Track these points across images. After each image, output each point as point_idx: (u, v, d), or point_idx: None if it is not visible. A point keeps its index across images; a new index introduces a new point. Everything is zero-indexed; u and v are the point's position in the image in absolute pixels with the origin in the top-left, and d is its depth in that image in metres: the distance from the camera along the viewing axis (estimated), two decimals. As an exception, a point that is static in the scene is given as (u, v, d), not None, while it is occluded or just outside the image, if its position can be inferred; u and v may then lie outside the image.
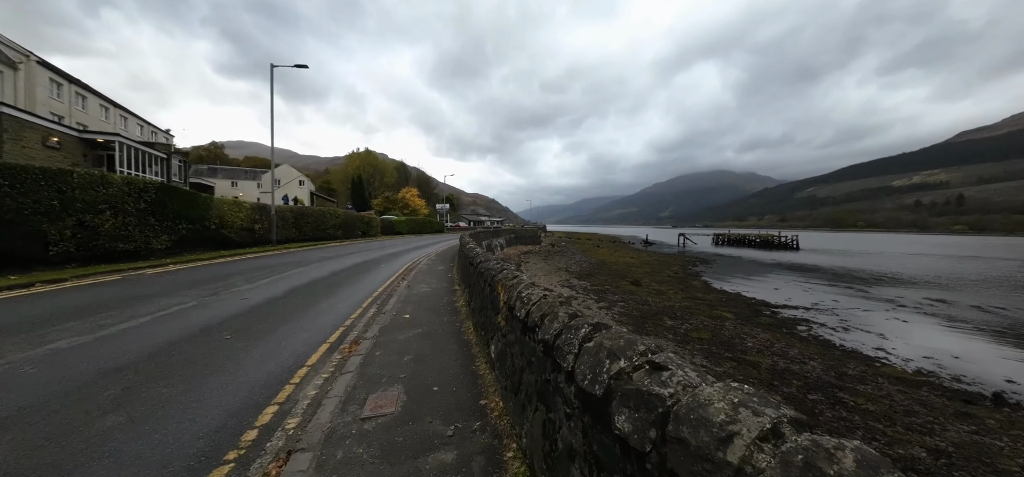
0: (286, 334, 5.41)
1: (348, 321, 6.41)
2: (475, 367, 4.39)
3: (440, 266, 13.42)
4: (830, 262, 39.36)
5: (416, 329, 5.95)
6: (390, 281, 10.56)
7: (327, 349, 4.97)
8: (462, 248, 10.72)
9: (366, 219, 30.25)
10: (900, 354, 11.65)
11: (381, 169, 66.81)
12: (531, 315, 2.44)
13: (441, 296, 8.63)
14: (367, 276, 11.30)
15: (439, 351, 4.93)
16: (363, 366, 4.34)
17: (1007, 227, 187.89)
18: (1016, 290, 22.84)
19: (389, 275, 11.55)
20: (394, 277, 11.25)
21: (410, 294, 8.81)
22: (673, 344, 10.27)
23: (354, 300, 8.03)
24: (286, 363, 4.38)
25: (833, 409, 7.31)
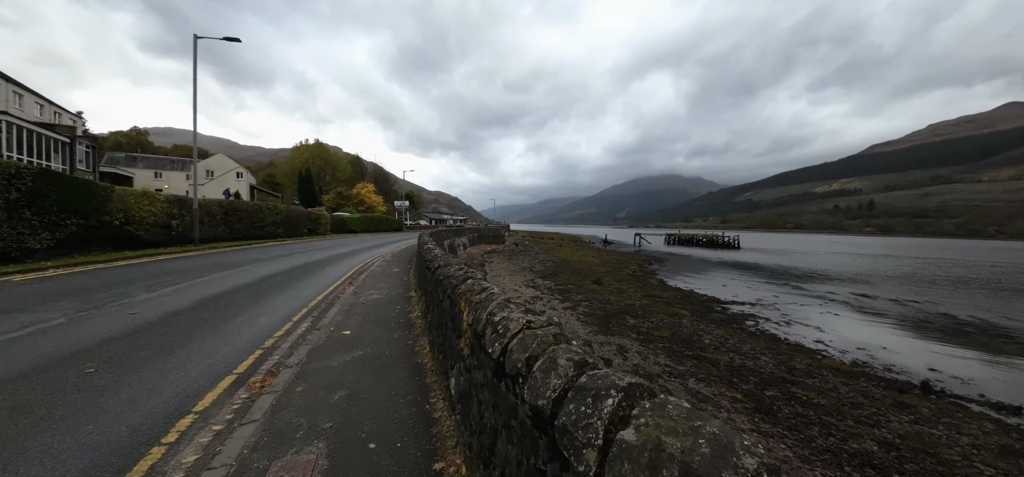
0: (177, 363, 4.14)
1: (269, 341, 5.20)
2: (429, 406, 3.52)
3: (395, 268, 12.20)
4: (768, 261, 42.67)
5: (357, 350, 4.97)
6: (334, 287, 9.32)
7: (231, 384, 3.77)
8: (420, 248, 9.66)
9: (314, 216, 27.72)
10: (837, 346, 12.43)
11: (333, 162, 62.57)
12: (511, 355, 1.69)
13: (393, 305, 7.63)
14: (306, 281, 9.90)
15: (383, 382, 3.99)
16: (274, 411, 3.25)
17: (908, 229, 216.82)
18: (924, 285, 25.85)
19: (334, 279, 10.22)
20: (340, 281, 9.97)
21: (356, 303, 7.70)
22: (637, 343, 10.20)
23: (283, 312, 6.71)
24: (163, 409, 3.18)
25: (789, 405, 7.45)
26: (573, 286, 17.89)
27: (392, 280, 10.19)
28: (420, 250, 9.37)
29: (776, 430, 6.40)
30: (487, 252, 29.52)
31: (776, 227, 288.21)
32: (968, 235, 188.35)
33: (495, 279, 17.47)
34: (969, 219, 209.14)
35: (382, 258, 14.96)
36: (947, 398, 8.75)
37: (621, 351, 9.49)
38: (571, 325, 11.40)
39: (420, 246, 10.02)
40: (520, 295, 14.57)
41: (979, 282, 27.09)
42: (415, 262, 11.32)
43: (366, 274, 11.09)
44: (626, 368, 8.38)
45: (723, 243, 59.53)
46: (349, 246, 20.19)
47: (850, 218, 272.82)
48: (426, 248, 8.39)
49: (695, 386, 7.90)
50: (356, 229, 36.37)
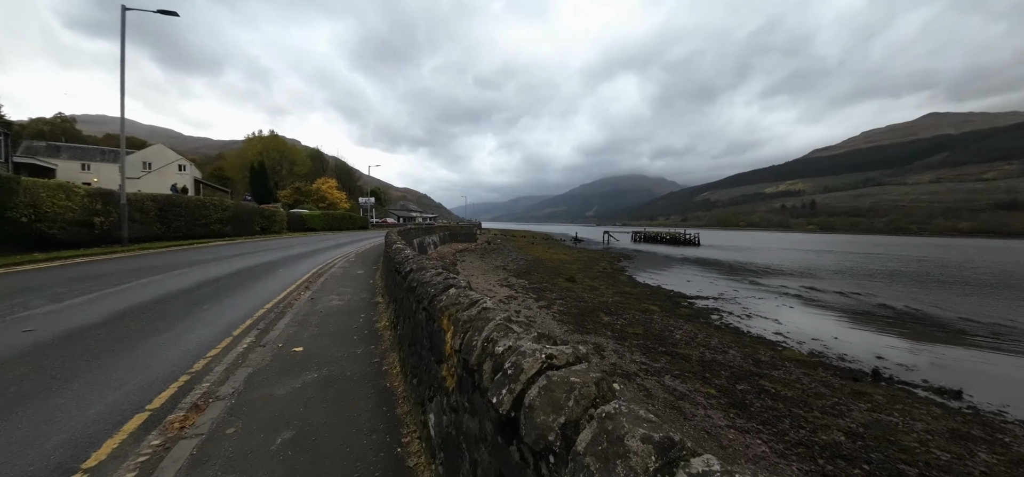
0: (73, 397, 3.18)
1: (200, 364, 4.15)
2: (402, 449, 2.73)
3: (359, 269, 11.15)
4: (725, 257, 45.00)
5: (310, 372, 4.09)
6: (287, 292, 8.27)
7: (141, 425, 2.87)
8: (387, 248, 8.79)
9: (268, 212, 25.54)
10: (794, 338, 13.08)
11: (291, 156, 58.68)
12: (531, 413, 1.16)
13: (356, 313, 6.73)
14: (254, 286, 8.73)
15: (342, 415, 3.21)
16: (193, 467, 2.41)
17: (845, 227, 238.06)
18: (863, 278, 28.11)
19: (288, 283, 9.17)
20: (295, 285, 8.95)
21: (312, 311, 6.71)
22: (613, 342, 10.16)
23: (222, 325, 5.63)
24: (41, 469, 2.33)
25: (760, 399, 7.61)
26: (547, 284, 17.77)
27: (356, 283, 9.28)
28: (388, 250, 8.52)
29: (751, 425, 6.46)
30: (459, 251, 28.87)
31: (731, 225, 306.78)
32: (894, 232, 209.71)
33: (468, 278, 17.00)
34: (895, 218, 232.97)
35: (345, 259, 13.81)
36: (895, 385, 9.34)
37: (598, 350, 9.38)
38: (547, 324, 11.19)
39: (388, 245, 9.13)
40: (495, 294, 14.19)
41: (909, 275, 29.89)
42: (382, 263, 10.29)
43: (326, 277, 10.07)
44: (604, 367, 8.25)
45: (685, 240, 62.32)
46: (308, 245, 18.67)
47: (795, 217, 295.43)
48: (395, 248, 7.62)
49: (671, 383, 7.90)
50: (316, 227, 34.11)
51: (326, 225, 35.95)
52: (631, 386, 7.42)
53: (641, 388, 7.42)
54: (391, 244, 8.87)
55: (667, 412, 6.53)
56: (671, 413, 6.51)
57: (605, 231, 70.53)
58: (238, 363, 4.27)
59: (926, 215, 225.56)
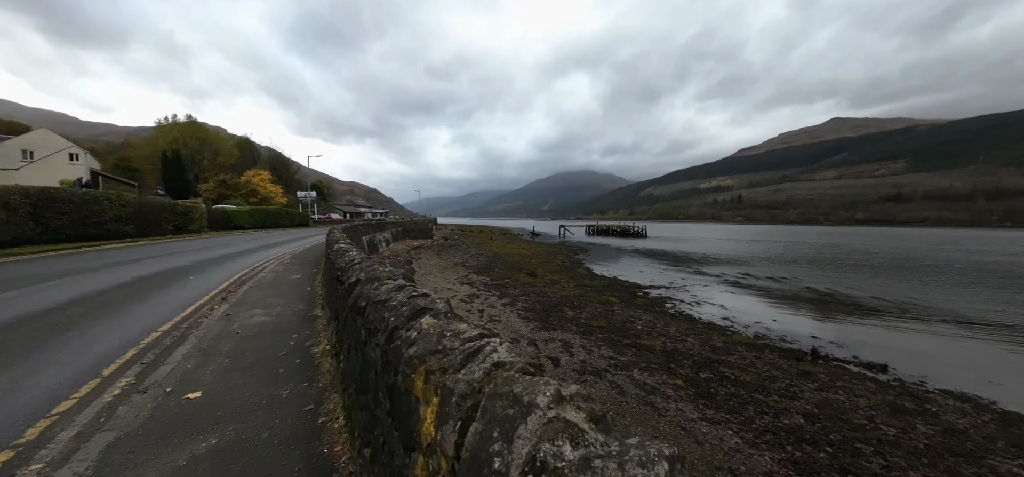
0: None
1: (34, 430, 2.79)
2: None
3: (295, 274, 9.47)
4: (670, 247, 47.84)
5: (207, 435, 2.82)
6: (196, 306, 6.58)
7: None
8: (328, 250, 7.38)
9: (183, 209, 22.01)
10: (740, 322, 13.89)
11: (214, 144, 51.99)
12: None
13: (285, 332, 5.26)
14: (152, 299, 6.82)
15: None
16: None
17: (766, 219, 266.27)
18: (788, 264, 31.11)
19: (200, 294, 7.39)
20: (209, 297, 7.25)
21: (226, 333, 5.16)
22: (579, 337, 9.96)
23: (89, 359, 4.08)
24: None
25: (723, 386, 7.76)
26: (508, 280, 17.33)
27: (288, 292, 7.64)
28: (329, 252, 7.14)
29: (720, 415, 6.49)
30: (414, 248, 27.46)
31: (671, 218, 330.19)
32: (805, 222, 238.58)
33: (426, 277, 16.01)
34: (806, 210, 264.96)
35: (278, 261, 11.84)
36: (832, 362, 10.12)
37: (566, 347, 9.10)
38: (512, 322, 10.73)
39: (329, 246, 7.75)
40: (455, 293, 13.44)
41: (825, 261, 33.65)
42: (323, 265, 8.63)
43: (252, 284, 8.42)
44: (573, 366, 7.97)
45: (634, 233, 65.55)
46: (233, 246, 16.18)
47: (725, 210, 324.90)
48: (338, 248, 6.34)
49: (640, 377, 7.80)
50: (245, 225, 30.23)
51: (258, 222, 32.01)
52: (603, 383, 7.18)
53: (613, 385, 7.21)
54: (333, 244, 7.54)
55: (641, 409, 6.35)
56: (645, 410, 6.34)
57: (561, 225, 72.31)
58: (98, 424, 2.92)
59: (830, 207, 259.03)
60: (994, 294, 19.06)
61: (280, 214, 35.93)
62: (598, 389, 6.94)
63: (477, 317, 10.91)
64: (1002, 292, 19.60)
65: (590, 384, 7.13)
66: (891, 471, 5.13)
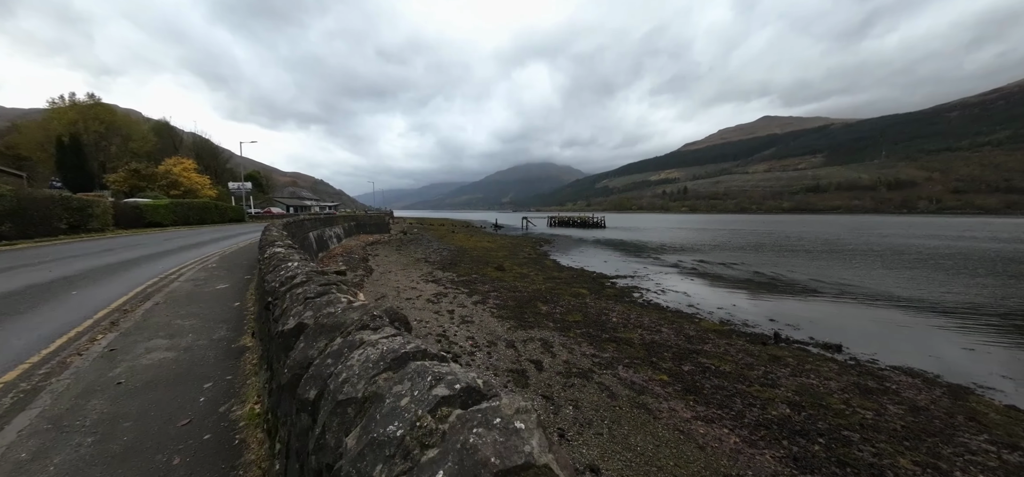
0: None
1: None
2: None
3: (222, 283, 7.54)
4: (628, 237, 49.49)
5: None
6: (66, 339, 4.73)
7: None
8: (260, 256, 5.89)
9: (80, 203, 18.10)
10: (704, 308, 14.26)
11: (125, 129, 44.90)
12: None
13: (195, 381, 3.69)
14: (3, 328, 4.98)
15: None
16: None
17: (707, 208, 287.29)
18: (735, 251, 33.18)
19: (78, 319, 5.44)
20: (91, 322, 5.37)
21: (100, 385, 3.52)
22: (558, 334, 9.47)
23: None
24: None
25: (706, 378, 7.63)
26: (476, 275, 16.49)
27: (209, 310, 5.88)
28: (260, 261, 5.59)
29: (712, 411, 6.27)
30: (369, 244, 25.58)
31: (625, 208, 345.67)
32: (741, 211, 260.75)
33: (386, 276, 14.71)
34: (741, 200, 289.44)
35: (201, 265, 9.63)
36: (793, 345, 10.53)
37: (546, 347, 8.54)
38: (486, 322, 9.97)
39: (261, 251, 6.13)
40: (420, 293, 12.39)
41: (767, 247, 36.39)
42: (258, 273, 6.48)
43: (159, 300, 6.36)
44: (557, 368, 7.42)
45: (593, 224, 67.22)
46: (144, 247, 13.41)
47: (672, 201, 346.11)
48: (272, 257, 4.81)
49: (626, 375, 7.45)
50: (163, 221, 25.69)
51: (179, 218, 27.66)
52: (591, 386, 6.71)
53: (602, 387, 6.76)
54: (267, 246, 5.90)
55: (635, 414, 5.94)
56: (639, 414, 5.94)
57: (524, 217, 72.43)
58: None
59: (761, 197, 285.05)
60: (914, 274, 21.45)
61: (208, 208, 31.70)
62: (587, 393, 6.45)
63: (447, 318, 10.03)
64: (919, 271, 22.15)
65: (578, 388, 6.62)
66: (882, 458, 5.13)
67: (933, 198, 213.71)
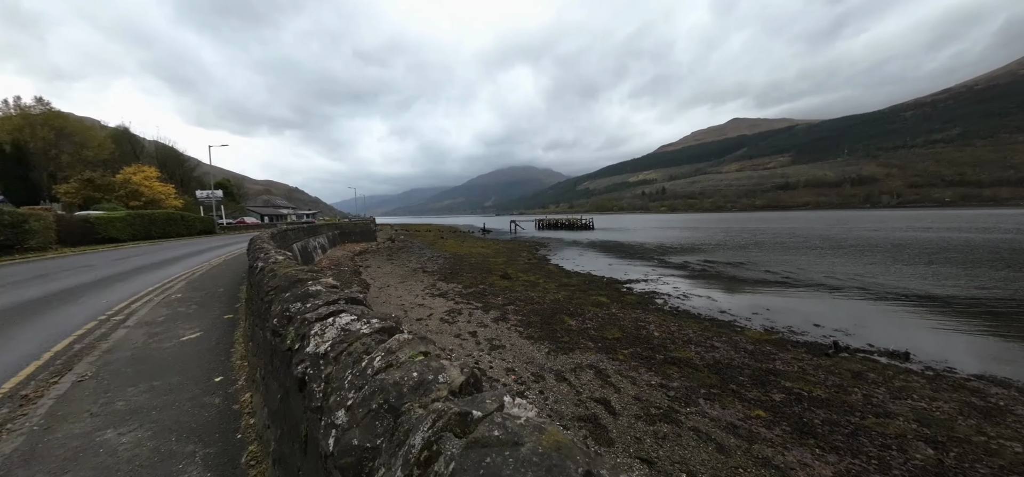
0: None
1: None
2: None
3: (191, 327, 5.20)
4: (620, 238, 48.78)
5: None
6: None
7: None
8: (252, 281, 4.30)
9: (13, 218, 14.90)
10: (738, 313, 13.11)
11: (78, 136, 40.69)
12: None
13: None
14: None
15: None
16: None
17: (685, 207, 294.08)
18: (736, 249, 32.70)
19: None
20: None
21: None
22: (605, 357, 7.97)
23: None
24: None
25: (808, 410, 6.26)
26: (484, 286, 14.80)
27: (170, 392, 3.52)
28: (252, 283, 3.97)
29: (846, 462, 4.88)
30: (357, 254, 23.40)
31: (607, 209, 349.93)
32: (717, 209, 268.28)
33: (385, 291, 12.84)
34: (716, 199, 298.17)
35: (161, 297, 7.05)
36: (857, 354, 9.46)
37: (602, 377, 7.00)
38: (518, 345, 8.35)
39: (253, 270, 4.30)
40: (431, 311, 10.63)
41: (766, 245, 36.19)
42: (248, 303, 4.84)
43: (83, 372, 3.96)
44: (630, 408, 5.90)
45: (581, 225, 66.42)
46: (90, 271, 10.47)
47: (651, 201, 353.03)
48: (271, 279, 3.03)
49: (714, 411, 6.01)
50: (120, 236, 21.97)
51: (139, 232, 24.26)
52: (686, 435, 5.20)
53: (696, 433, 5.28)
54: (259, 262, 4.04)
55: (765, 475, 4.46)
56: (769, 475, 4.47)
57: (512, 220, 71.23)
58: None
59: (736, 196, 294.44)
60: (922, 268, 21.13)
61: (173, 220, 28.50)
62: (688, 447, 4.93)
63: (472, 343, 8.35)
64: (926, 265, 21.88)
65: (672, 440, 5.11)
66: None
67: (894, 193, 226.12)
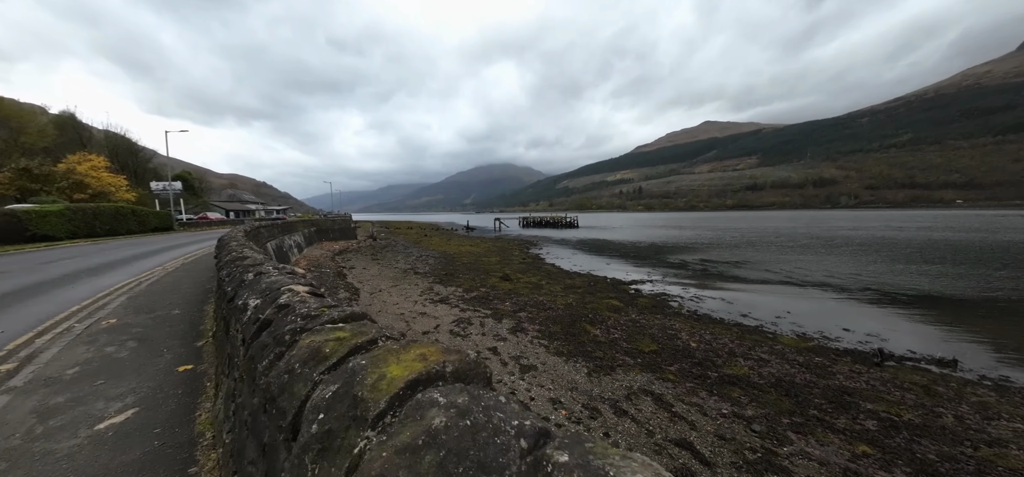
0: None
1: None
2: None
3: (115, 389, 3.11)
4: (608, 236, 48.30)
5: None
6: None
7: None
8: (221, 312, 3.08)
9: None
10: (761, 318, 12.30)
11: (14, 121, 35.98)
12: None
13: None
14: None
15: None
16: None
17: (661, 207, 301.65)
18: (730, 248, 32.57)
19: None
20: None
21: None
22: (653, 378, 6.75)
23: None
24: None
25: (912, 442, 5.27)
26: (486, 289, 13.31)
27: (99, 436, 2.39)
28: (233, 314, 2.39)
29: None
30: (337, 252, 21.30)
31: (586, 208, 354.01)
32: (691, 209, 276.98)
33: (378, 296, 11.12)
34: (690, 198, 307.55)
35: (85, 328, 4.84)
36: (906, 363, 8.74)
37: (663, 406, 5.76)
38: (550, 364, 6.98)
39: (234, 307, 2.53)
40: (437, 320, 9.07)
41: (758, 243, 36.41)
42: (216, 356, 3.58)
43: None
44: (720, 452, 4.68)
45: (566, 224, 65.66)
46: (3, 280, 8.27)
47: (628, 200, 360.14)
48: (283, 324, 1.88)
49: (817, 451, 4.90)
50: (56, 233, 18.74)
51: (80, 229, 20.93)
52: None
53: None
54: (245, 288, 2.64)
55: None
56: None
57: (496, 218, 69.60)
58: None
59: (708, 195, 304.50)
60: (918, 266, 21.25)
61: (122, 215, 25.16)
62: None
63: (497, 364, 6.90)
64: (919, 263, 22.08)
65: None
66: None
67: (852, 194, 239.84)
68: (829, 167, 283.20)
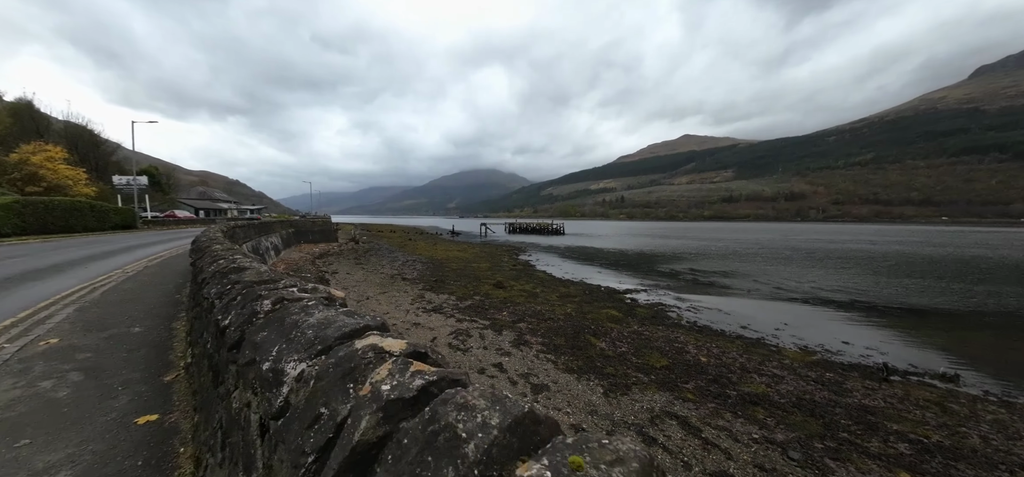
0: None
1: None
2: None
3: (49, 455, 2.11)
4: (594, 243, 48.40)
5: None
6: None
7: None
8: (221, 349, 1.91)
9: None
10: (760, 330, 12.15)
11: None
12: None
13: None
14: None
15: None
16: None
17: (643, 216, 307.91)
18: (718, 258, 32.96)
19: None
20: None
21: None
22: (672, 398, 6.31)
23: None
24: None
25: (950, 468, 5.03)
26: (480, 297, 12.64)
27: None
28: (222, 366, 1.75)
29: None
30: (318, 256, 20.16)
31: (570, 215, 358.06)
32: (670, 218, 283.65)
33: (364, 304, 10.31)
34: (670, 208, 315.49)
35: (18, 343, 3.97)
36: (911, 378, 8.66)
37: (691, 432, 5.31)
38: (563, 384, 6.42)
39: (216, 317, 1.93)
40: (434, 331, 8.38)
41: (744, 255, 37.06)
42: (193, 406, 2.77)
43: None
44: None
45: (552, 230, 65.65)
46: None
47: (611, 208, 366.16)
48: None
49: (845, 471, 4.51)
50: (2, 229, 17.07)
51: (30, 224, 18.51)
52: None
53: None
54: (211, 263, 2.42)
55: None
56: None
57: (482, 223, 68.95)
58: None
59: (687, 206, 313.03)
60: (902, 280, 21.87)
61: (79, 210, 23.10)
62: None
63: (504, 382, 6.30)
64: (906, 278, 22.75)
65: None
66: None
67: (820, 208, 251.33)
68: (800, 182, 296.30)
